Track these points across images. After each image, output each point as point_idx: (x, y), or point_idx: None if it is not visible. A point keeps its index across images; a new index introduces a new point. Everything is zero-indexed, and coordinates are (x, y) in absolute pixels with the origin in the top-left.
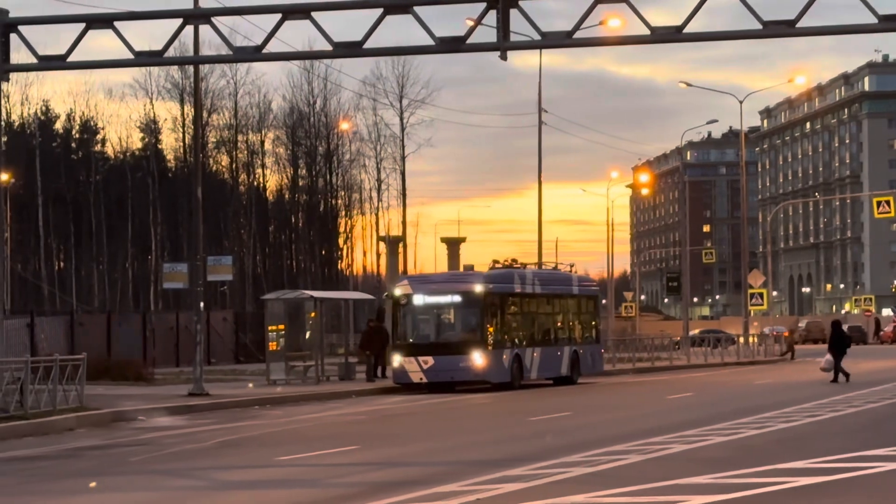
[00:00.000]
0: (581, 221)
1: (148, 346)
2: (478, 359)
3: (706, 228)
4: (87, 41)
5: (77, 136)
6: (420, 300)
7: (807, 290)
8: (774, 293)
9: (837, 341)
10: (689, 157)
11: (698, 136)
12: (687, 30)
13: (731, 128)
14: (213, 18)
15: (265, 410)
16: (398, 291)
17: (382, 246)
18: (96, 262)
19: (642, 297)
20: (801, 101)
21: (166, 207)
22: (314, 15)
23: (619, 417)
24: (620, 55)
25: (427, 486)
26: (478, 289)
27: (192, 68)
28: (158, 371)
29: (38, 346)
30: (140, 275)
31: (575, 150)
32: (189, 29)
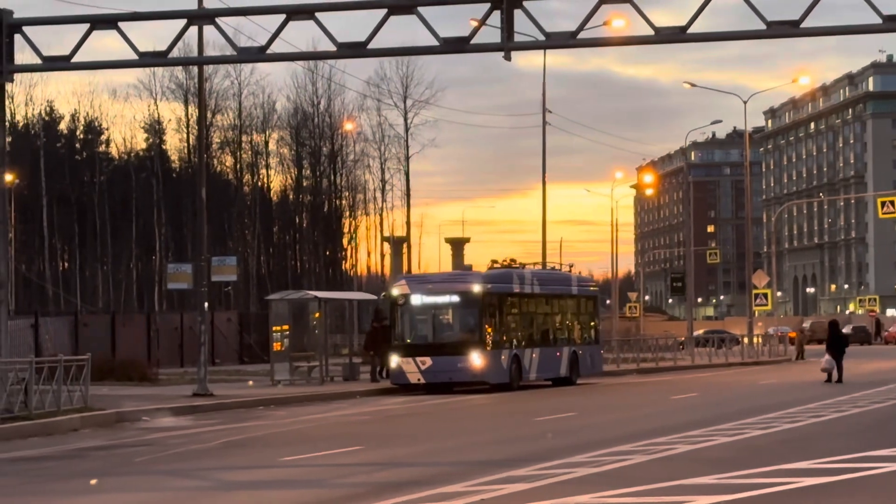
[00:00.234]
0: (585, 222)
1: (152, 347)
2: (476, 359)
3: (710, 229)
4: (91, 42)
5: (81, 136)
6: (418, 300)
7: (811, 290)
8: (779, 293)
9: (835, 341)
10: (693, 158)
11: (702, 136)
12: (691, 30)
13: (735, 128)
14: (217, 19)
15: (270, 411)
16: (396, 291)
17: (386, 246)
18: (100, 263)
19: (646, 298)
20: (806, 102)
21: (170, 208)
22: (318, 15)
23: (623, 418)
24: (624, 55)
25: (432, 486)
26: (476, 289)
27: (196, 69)
28: (162, 371)
29: (43, 346)
30: (144, 275)
31: (579, 150)
32: (193, 29)
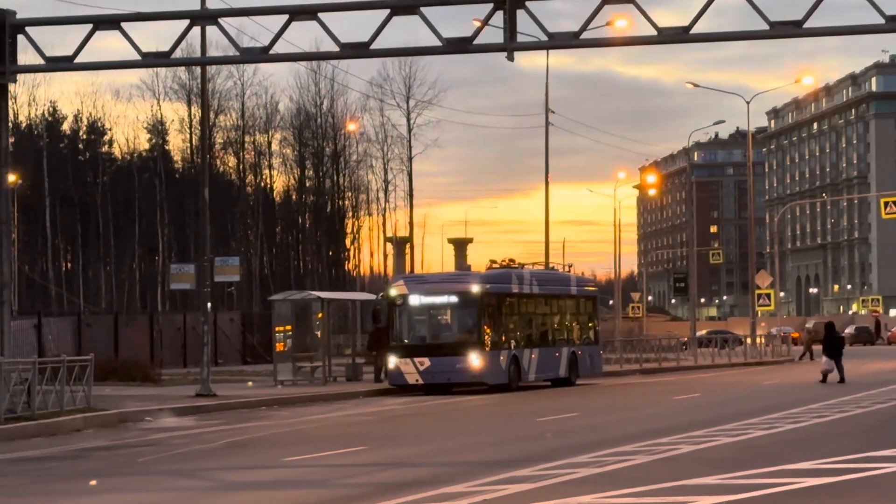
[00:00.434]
0: (588, 222)
1: (155, 347)
2: (475, 360)
3: (713, 229)
4: (94, 42)
5: (84, 137)
6: (416, 300)
7: (814, 290)
8: (782, 294)
9: (830, 343)
10: (696, 158)
11: (705, 136)
12: (694, 30)
13: (738, 128)
14: (220, 19)
15: (273, 411)
16: (394, 292)
17: (389, 247)
18: (103, 263)
19: (649, 298)
20: (809, 102)
21: (173, 208)
22: (321, 16)
23: (626, 418)
24: (627, 56)
25: (435, 486)
26: (474, 289)
27: (199, 69)
28: (165, 372)
29: (46, 346)
30: (147, 276)
31: (582, 150)
32: (196, 30)
